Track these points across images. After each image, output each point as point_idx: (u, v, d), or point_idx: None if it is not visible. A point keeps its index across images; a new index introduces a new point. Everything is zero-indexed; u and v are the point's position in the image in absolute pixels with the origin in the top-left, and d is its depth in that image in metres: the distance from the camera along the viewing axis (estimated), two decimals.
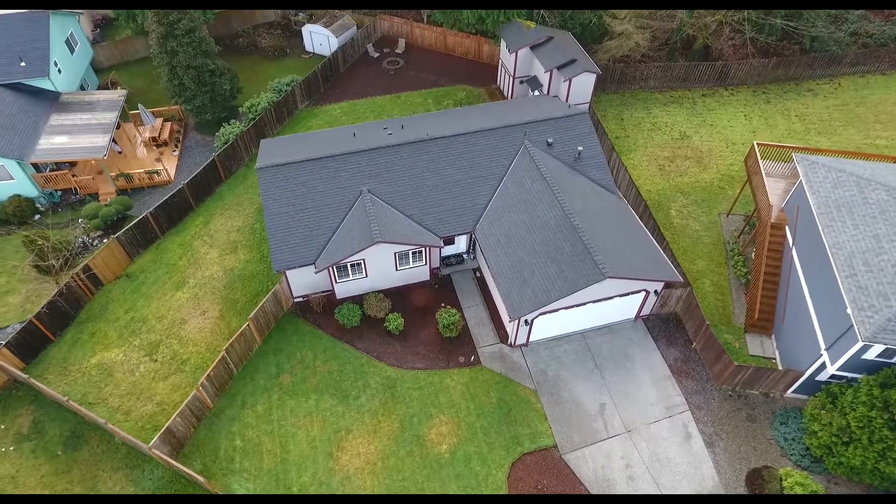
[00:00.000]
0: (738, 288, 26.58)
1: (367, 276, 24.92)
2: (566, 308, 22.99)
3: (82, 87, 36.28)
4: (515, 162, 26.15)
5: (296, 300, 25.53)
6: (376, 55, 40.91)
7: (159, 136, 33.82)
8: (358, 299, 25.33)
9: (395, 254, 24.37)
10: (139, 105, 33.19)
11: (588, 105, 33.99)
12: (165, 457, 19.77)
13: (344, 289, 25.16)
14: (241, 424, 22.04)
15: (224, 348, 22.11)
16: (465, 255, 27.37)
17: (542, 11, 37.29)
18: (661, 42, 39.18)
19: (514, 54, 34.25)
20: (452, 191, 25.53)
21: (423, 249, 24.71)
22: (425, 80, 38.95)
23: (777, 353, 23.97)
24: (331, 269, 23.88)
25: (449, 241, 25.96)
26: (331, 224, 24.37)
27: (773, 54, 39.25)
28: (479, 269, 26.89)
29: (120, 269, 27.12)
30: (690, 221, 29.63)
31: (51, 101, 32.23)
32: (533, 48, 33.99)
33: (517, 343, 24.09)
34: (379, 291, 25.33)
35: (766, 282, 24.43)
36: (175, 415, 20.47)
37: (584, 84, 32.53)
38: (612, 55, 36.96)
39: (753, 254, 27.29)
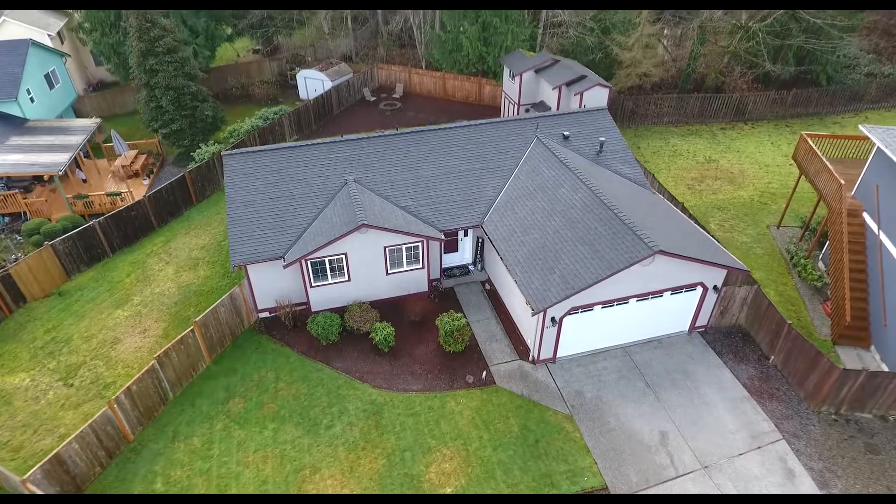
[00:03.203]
0: (812, 297, 21.41)
1: (349, 279, 20.02)
2: (603, 305, 17.85)
3: None
4: (528, 153, 22.37)
5: (260, 314, 20.38)
6: (373, 99, 39.09)
7: (131, 166, 30.58)
8: (339, 311, 20.20)
9: (385, 250, 19.70)
10: (112, 132, 30.35)
11: None
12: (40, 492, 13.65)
13: (321, 297, 20.13)
14: (168, 462, 15.95)
15: (156, 356, 16.70)
16: (470, 267, 22.59)
17: (543, 44, 35.97)
18: (673, 73, 37.40)
19: (517, 79, 32.04)
20: (455, 181, 21.47)
21: (420, 245, 20.06)
22: (423, 120, 36.56)
23: (884, 365, 18.30)
24: (304, 267, 19.10)
25: (451, 235, 21.38)
26: (307, 214, 20.03)
27: (790, 87, 37.18)
28: (488, 280, 21.98)
29: (52, 285, 22.29)
30: (735, 234, 25.14)
31: (16, 125, 29.47)
32: (538, 71, 31.86)
33: (541, 358, 18.55)
34: (365, 303, 20.27)
35: (853, 280, 19.40)
36: (71, 439, 14.61)
37: (596, 99, 29.74)
38: (623, 86, 34.86)
39: (820, 259, 22.48)
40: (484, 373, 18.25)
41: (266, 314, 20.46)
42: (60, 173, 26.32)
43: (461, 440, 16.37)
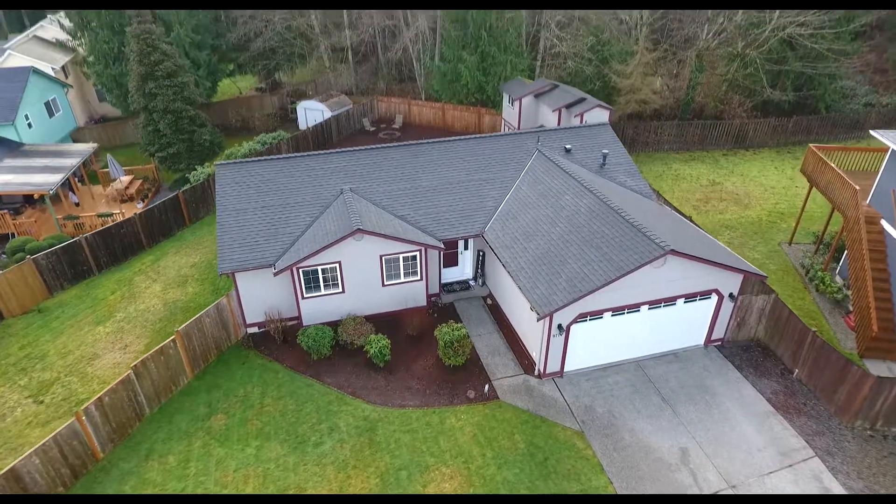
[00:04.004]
0: (833, 310, 20.27)
1: (343, 291, 18.97)
2: (613, 312, 16.74)
3: None
4: (530, 164, 21.78)
5: (249, 328, 19.22)
6: (372, 129, 39.07)
7: (126, 191, 30.06)
8: (332, 326, 19.03)
9: (381, 259, 18.76)
10: (108, 156, 30.07)
11: None
12: None
13: (313, 310, 19.02)
14: (139, 481, 14.46)
15: (131, 366, 15.48)
16: (471, 282, 21.57)
17: (542, 74, 36.17)
18: (671, 102, 37.44)
19: (517, 104, 32.01)
20: (454, 192, 20.77)
21: (419, 255, 19.12)
22: None
23: None
24: (296, 276, 18.11)
25: (451, 247, 20.47)
26: (300, 223, 19.20)
27: (789, 116, 37.12)
28: (489, 296, 20.90)
29: (32, 301, 21.24)
30: (746, 251, 24.21)
31: (11, 148, 29.15)
32: (537, 96, 31.84)
33: (548, 371, 17.26)
34: (359, 316, 19.14)
35: (876, 290, 18.33)
36: (31, 452, 13.22)
37: (597, 119, 29.47)
38: (622, 112, 34.80)
39: (837, 273, 21.47)
40: (486, 386, 16.93)
41: (255, 329, 19.30)
42: (51, 193, 25.74)
43: (462, 458, 14.91)
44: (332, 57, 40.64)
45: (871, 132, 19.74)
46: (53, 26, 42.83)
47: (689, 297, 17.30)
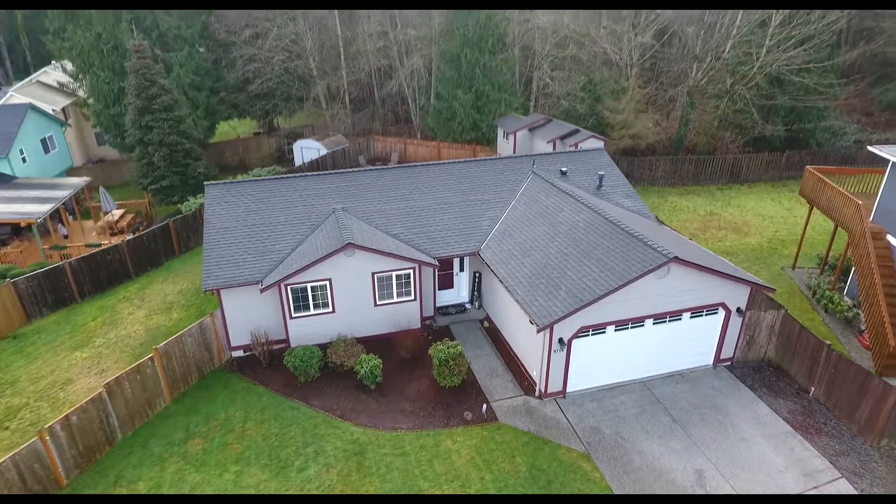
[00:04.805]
0: (844, 330, 19.47)
1: (333, 310, 18.16)
2: (617, 326, 15.94)
3: None
4: (525, 186, 21.46)
5: (233, 352, 18.24)
6: (368, 167, 39.12)
7: (117, 224, 29.60)
8: (321, 348, 18.07)
9: (373, 277, 18.06)
10: (101, 189, 29.78)
11: None
12: None
13: (301, 331, 18.12)
14: None
15: (105, 383, 14.46)
16: (467, 305, 20.79)
17: (535, 110, 36.62)
18: (664, 139, 37.78)
19: (511, 138, 32.21)
20: (449, 211, 20.33)
21: (412, 273, 18.43)
22: None
23: None
24: (283, 294, 17.35)
25: (446, 269, 19.81)
26: (290, 241, 18.61)
27: (782, 151, 37.43)
28: (486, 318, 20.07)
29: (9, 327, 20.28)
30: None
31: (3, 181, 28.89)
32: (531, 129, 32.08)
33: (550, 391, 16.24)
34: (350, 338, 18.23)
35: (890, 304, 17.62)
36: None
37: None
38: (616, 147, 35.01)
39: (845, 293, 20.81)
40: (484, 406, 15.86)
41: (240, 353, 18.32)
42: (39, 221, 25.26)
43: (458, 481, 13.71)
44: (328, 97, 41.26)
45: (869, 147, 19.61)
46: (56, 72, 43.72)
47: (696, 312, 16.54)
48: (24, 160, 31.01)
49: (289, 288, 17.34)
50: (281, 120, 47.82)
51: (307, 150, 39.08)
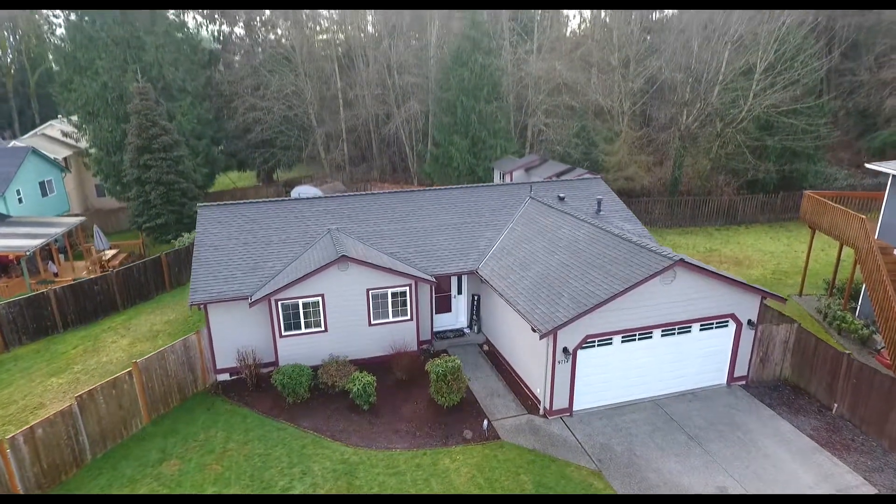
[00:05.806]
0: (861, 350, 18.60)
1: (326, 329, 17.33)
2: (623, 336, 15.14)
3: None
4: (524, 209, 21.22)
5: (219, 375, 17.22)
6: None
7: (109, 263, 29.06)
8: (313, 370, 17.06)
9: (367, 294, 17.38)
10: (95, 227, 29.44)
11: None
12: None
13: (292, 350, 17.19)
14: None
15: (75, 398, 13.44)
16: (465, 330, 19.96)
17: (529, 153, 37.06)
18: (658, 183, 38.08)
19: (507, 177, 32.39)
20: (446, 233, 19.95)
21: (409, 291, 17.75)
22: None
23: None
24: (273, 310, 16.61)
25: (443, 291, 19.14)
26: (283, 258, 18.07)
27: (776, 192, 37.66)
28: (486, 342, 19.19)
29: None
30: None
31: None
32: (527, 170, 32.34)
33: (555, 409, 15.18)
34: (343, 359, 17.29)
35: None
36: None
37: None
38: (611, 188, 35.13)
39: (857, 315, 20.10)
40: (485, 422, 14.75)
41: (226, 376, 17.30)
42: (28, 254, 24.72)
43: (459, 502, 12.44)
44: (326, 146, 41.97)
45: (867, 165, 19.57)
46: (61, 124, 44.59)
47: (705, 324, 15.79)
48: (20, 201, 30.89)
49: (279, 304, 16.61)
50: (280, 172, 48.44)
51: (304, 195, 39.15)
